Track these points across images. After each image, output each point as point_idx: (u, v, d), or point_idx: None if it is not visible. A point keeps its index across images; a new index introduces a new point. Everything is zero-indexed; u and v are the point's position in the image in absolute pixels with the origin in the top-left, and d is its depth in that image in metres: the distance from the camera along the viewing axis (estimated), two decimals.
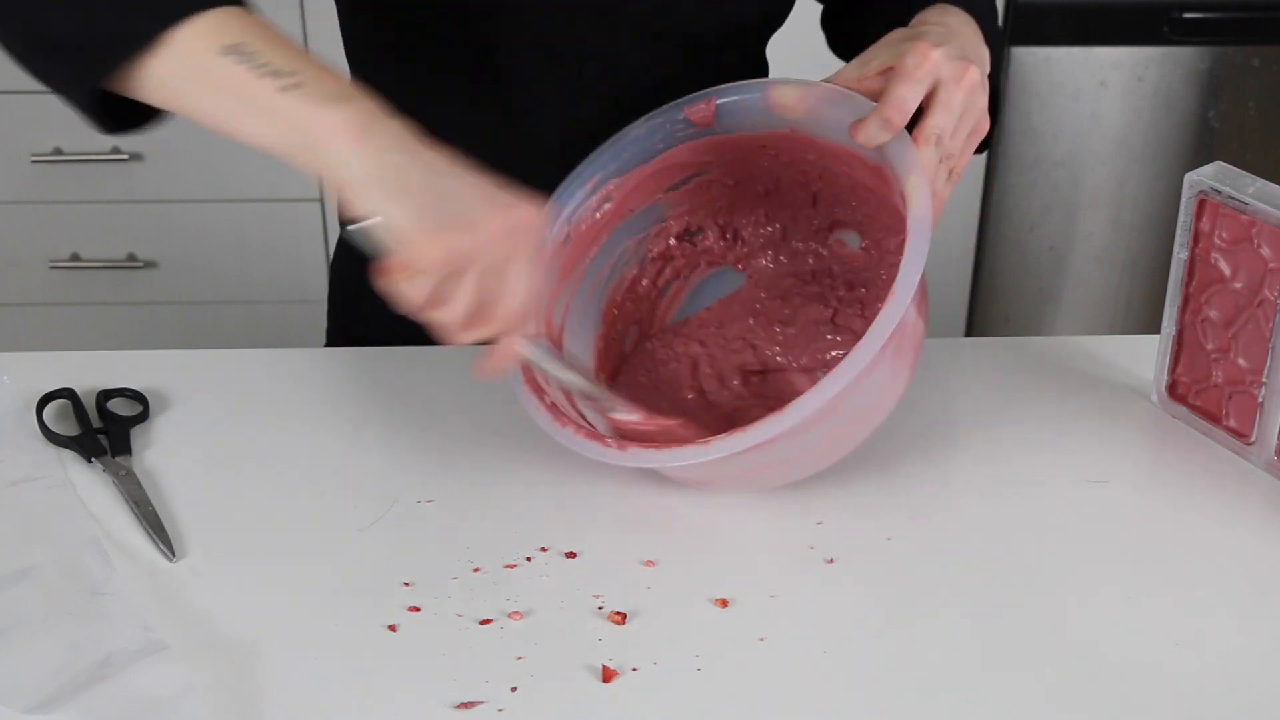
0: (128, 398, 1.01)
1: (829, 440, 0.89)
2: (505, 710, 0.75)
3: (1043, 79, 2.12)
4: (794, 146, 0.97)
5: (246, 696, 0.76)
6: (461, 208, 0.77)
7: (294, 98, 0.76)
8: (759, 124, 0.96)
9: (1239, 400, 0.97)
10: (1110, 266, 2.27)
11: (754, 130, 0.97)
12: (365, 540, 0.88)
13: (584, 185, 0.98)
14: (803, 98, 0.93)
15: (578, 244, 0.99)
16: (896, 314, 0.81)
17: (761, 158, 1.00)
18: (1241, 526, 0.91)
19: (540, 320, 0.95)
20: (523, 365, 0.90)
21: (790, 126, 0.96)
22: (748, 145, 0.98)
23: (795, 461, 0.89)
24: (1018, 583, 0.85)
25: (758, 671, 0.78)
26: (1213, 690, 0.78)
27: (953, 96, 0.86)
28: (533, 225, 0.80)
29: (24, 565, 0.84)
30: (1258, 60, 2.14)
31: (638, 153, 0.98)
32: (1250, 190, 0.94)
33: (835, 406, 0.81)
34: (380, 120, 0.77)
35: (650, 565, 0.86)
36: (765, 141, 0.98)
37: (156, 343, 2.23)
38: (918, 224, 0.85)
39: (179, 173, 2.14)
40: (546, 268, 0.96)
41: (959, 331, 2.31)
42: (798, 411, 0.81)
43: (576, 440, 0.87)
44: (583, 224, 0.99)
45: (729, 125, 0.97)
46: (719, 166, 1.01)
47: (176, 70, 0.79)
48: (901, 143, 0.87)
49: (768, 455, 0.85)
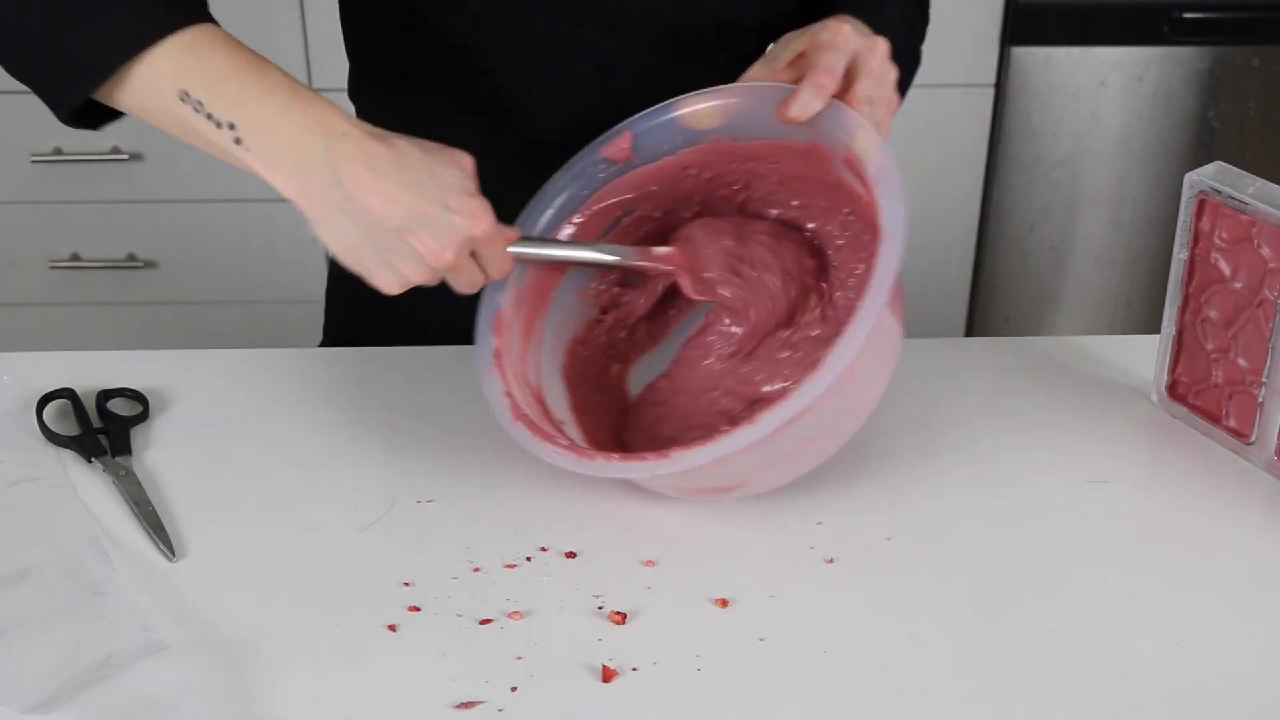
0: (128, 398, 1.01)
1: (806, 445, 0.87)
2: (505, 710, 0.75)
3: (1043, 79, 2.12)
4: (715, 158, 0.97)
5: (246, 696, 0.76)
6: (395, 188, 0.81)
7: (244, 154, 0.81)
8: (677, 144, 0.96)
9: (1239, 400, 0.97)
10: (1110, 266, 2.27)
11: (672, 153, 0.97)
12: (365, 540, 0.88)
13: (535, 225, 0.97)
14: (718, 104, 0.94)
15: (531, 305, 0.96)
16: (876, 307, 0.81)
17: (684, 180, 0.99)
18: (1241, 526, 0.91)
19: (520, 385, 0.93)
20: (501, 393, 0.90)
21: (709, 138, 0.96)
22: (669, 171, 0.98)
23: (776, 465, 0.88)
24: (1017, 582, 0.85)
25: (758, 671, 0.78)
26: (1213, 690, 0.78)
27: (871, 62, 0.90)
28: (455, 157, 0.85)
29: (24, 565, 0.84)
30: (1258, 60, 2.14)
31: (565, 204, 0.97)
32: (1250, 190, 0.94)
33: (812, 411, 0.81)
34: (316, 166, 0.81)
35: (650, 565, 0.86)
36: (686, 162, 0.98)
37: (156, 343, 2.23)
38: (885, 174, 0.85)
39: (179, 173, 2.14)
40: (509, 332, 0.95)
41: (959, 331, 2.31)
42: (766, 424, 0.80)
43: (556, 454, 0.86)
44: (530, 284, 0.96)
45: (647, 154, 0.97)
46: (645, 201, 0.99)
47: (144, 104, 0.83)
48: (836, 110, 0.89)
49: (743, 464, 0.85)
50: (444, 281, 0.87)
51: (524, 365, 0.94)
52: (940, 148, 2.15)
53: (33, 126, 2.10)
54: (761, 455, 0.85)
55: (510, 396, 0.90)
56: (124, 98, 0.83)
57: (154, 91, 0.82)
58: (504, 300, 0.93)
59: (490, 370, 0.91)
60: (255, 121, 0.81)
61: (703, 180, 0.99)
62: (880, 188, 0.85)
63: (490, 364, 0.91)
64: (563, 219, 0.97)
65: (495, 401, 0.90)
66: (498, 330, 0.92)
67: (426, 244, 0.83)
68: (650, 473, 0.84)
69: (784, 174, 0.98)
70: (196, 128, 0.81)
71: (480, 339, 0.92)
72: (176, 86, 0.81)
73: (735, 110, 0.94)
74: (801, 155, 0.94)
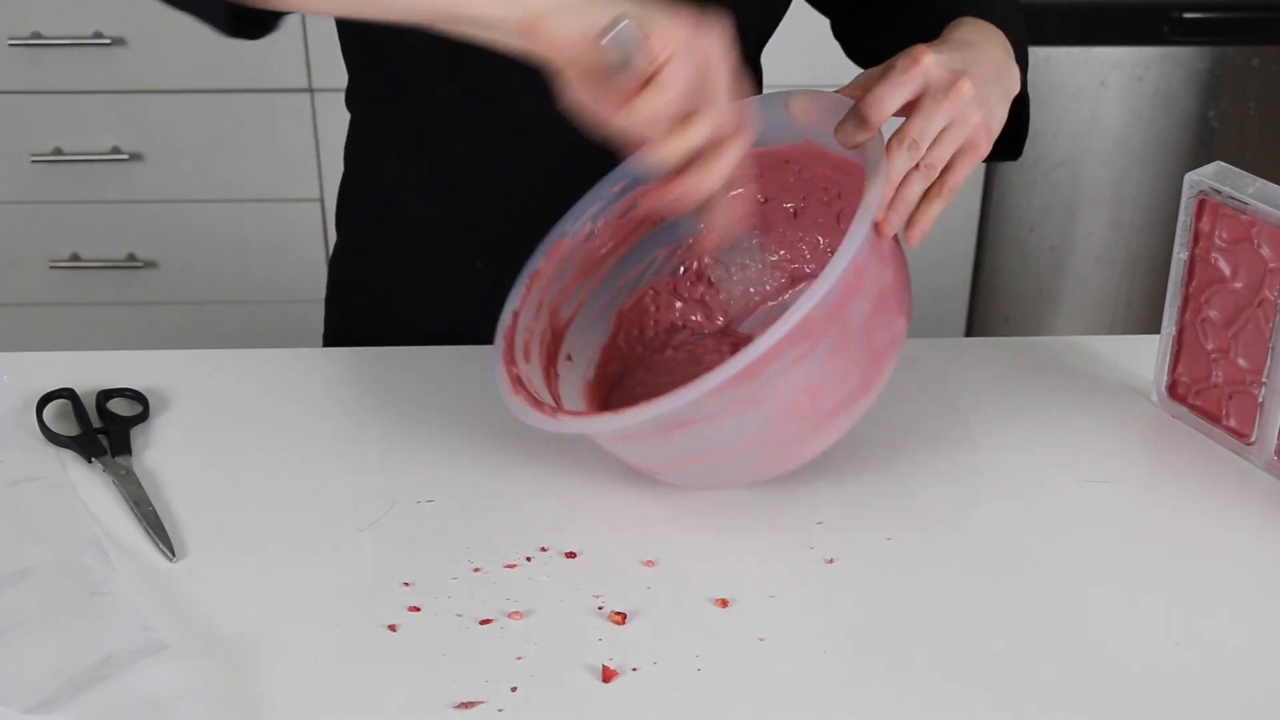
0: (128, 398, 1.01)
1: (769, 435, 0.85)
2: (505, 710, 0.75)
3: (1043, 79, 2.12)
4: (811, 159, 0.97)
5: (246, 696, 0.76)
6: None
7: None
8: (779, 136, 0.95)
9: (1239, 400, 0.97)
10: (1110, 266, 2.27)
11: (774, 144, 0.96)
12: (365, 540, 0.88)
13: (612, 186, 0.97)
14: (809, 107, 0.92)
15: (601, 241, 0.98)
16: (811, 302, 0.78)
17: (786, 173, 0.98)
18: (1241, 526, 0.91)
19: (545, 310, 0.95)
20: (511, 310, 0.92)
21: (804, 138, 0.95)
22: (772, 159, 0.97)
23: (743, 455, 0.86)
24: (1018, 582, 0.85)
25: (758, 671, 0.78)
26: (1213, 690, 0.78)
27: (937, 105, 0.85)
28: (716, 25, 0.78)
29: (24, 565, 0.84)
30: (1258, 60, 2.14)
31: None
32: (1250, 190, 0.94)
33: (757, 396, 0.80)
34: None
35: (650, 565, 0.86)
36: (788, 155, 0.97)
37: (156, 343, 2.23)
38: (855, 231, 0.81)
39: (179, 173, 2.14)
40: (564, 262, 0.96)
41: (959, 331, 2.31)
42: (703, 384, 0.78)
43: (519, 407, 0.87)
44: (608, 223, 0.97)
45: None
46: (748, 180, 0.98)
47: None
48: (875, 145, 0.85)
49: (698, 437, 0.83)
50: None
51: (561, 296, 0.96)
52: None
53: (33, 126, 2.10)
54: (663, 447, 0.85)
55: (516, 317, 0.92)
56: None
57: None
58: (571, 231, 0.95)
59: (518, 287, 0.94)
60: None
61: (803, 178, 0.98)
62: (844, 242, 0.80)
63: (522, 283, 0.94)
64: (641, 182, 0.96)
65: (502, 317, 0.92)
66: (550, 255, 0.94)
67: (663, 34, 0.75)
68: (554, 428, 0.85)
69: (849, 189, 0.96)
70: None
71: (530, 262, 0.94)
72: None
73: (824, 119, 0.91)
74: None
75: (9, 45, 2.04)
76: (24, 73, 2.07)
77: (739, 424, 0.83)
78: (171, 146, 2.12)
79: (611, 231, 0.99)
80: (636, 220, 0.99)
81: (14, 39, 2.03)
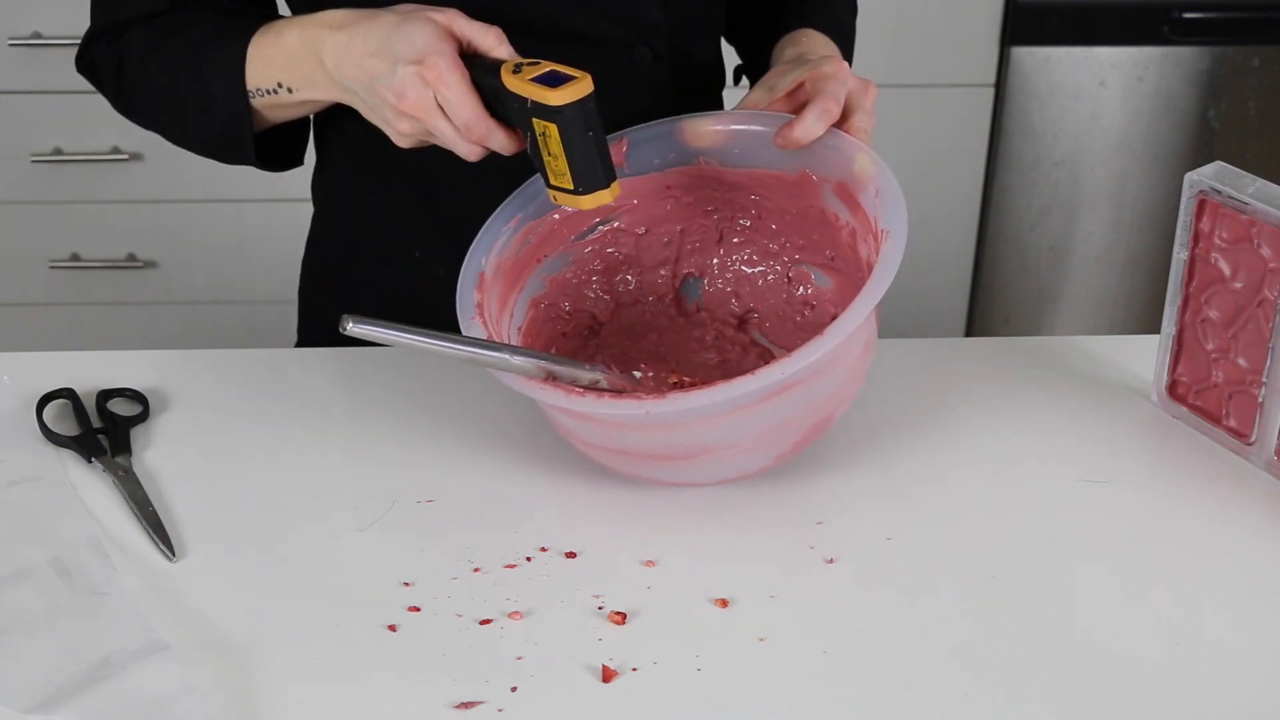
0: (128, 398, 1.01)
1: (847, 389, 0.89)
2: (505, 710, 0.75)
3: (1043, 79, 2.12)
4: (697, 182, 0.99)
5: (246, 696, 0.76)
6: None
7: (299, 95, 0.97)
8: (667, 160, 0.98)
9: (1239, 400, 0.97)
10: (1110, 266, 2.27)
11: (661, 169, 0.98)
12: (365, 540, 0.88)
13: (508, 222, 0.96)
14: (715, 127, 0.96)
15: (507, 278, 0.96)
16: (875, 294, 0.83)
17: (664, 198, 1.00)
18: (1241, 526, 0.91)
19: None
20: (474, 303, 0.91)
21: (698, 160, 0.98)
22: (652, 186, 0.99)
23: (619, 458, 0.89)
24: (1018, 582, 0.85)
25: (758, 671, 0.78)
26: (1213, 689, 0.78)
27: (865, 101, 0.95)
28: (429, 13, 0.89)
29: (24, 565, 0.84)
30: (1258, 60, 2.14)
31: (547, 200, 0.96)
32: (1250, 190, 0.94)
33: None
34: (318, 65, 0.93)
35: (650, 565, 0.86)
36: (669, 181, 0.99)
37: (156, 343, 2.22)
38: (887, 190, 0.88)
39: (179, 173, 2.13)
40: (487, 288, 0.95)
41: (959, 331, 2.31)
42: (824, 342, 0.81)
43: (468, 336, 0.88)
44: (508, 259, 0.96)
45: (638, 165, 0.98)
46: (626, 213, 1.00)
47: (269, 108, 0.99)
48: (834, 136, 0.92)
49: (807, 393, 0.85)
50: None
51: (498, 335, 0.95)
52: (940, 148, 2.15)
53: (33, 126, 2.10)
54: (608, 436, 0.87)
55: (481, 309, 0.91)
56: (268, 116, 1.00)
57: (266, 93, 0.98)
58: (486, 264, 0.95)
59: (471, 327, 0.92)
60: (291, 73, 0.96)
61: (682, 204, 1.01)
62: (883, 198, 0.88)
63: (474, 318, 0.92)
64: (545, 212, 0.97)
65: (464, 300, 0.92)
66: (479, 287, 0.94)
67: (389, 90, 0.88)
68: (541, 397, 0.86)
69: (764, 207, 0.99)
70: (282, 102, 0.98)
71: (462, 304, 0.93)
72: (273, 83, 0.97)
73: (729, 136, 0.96)
74: (790, 186, 0.96)
75: (9, 45, 2.04)
76: (24, 73, 2.07)
77: (824, 384, 0.86)
78: (171, 146, 2.11)
79: (511, 267, 0.97)
80: (526, 258, 0.98)
81: (14, 39, 2.03)
